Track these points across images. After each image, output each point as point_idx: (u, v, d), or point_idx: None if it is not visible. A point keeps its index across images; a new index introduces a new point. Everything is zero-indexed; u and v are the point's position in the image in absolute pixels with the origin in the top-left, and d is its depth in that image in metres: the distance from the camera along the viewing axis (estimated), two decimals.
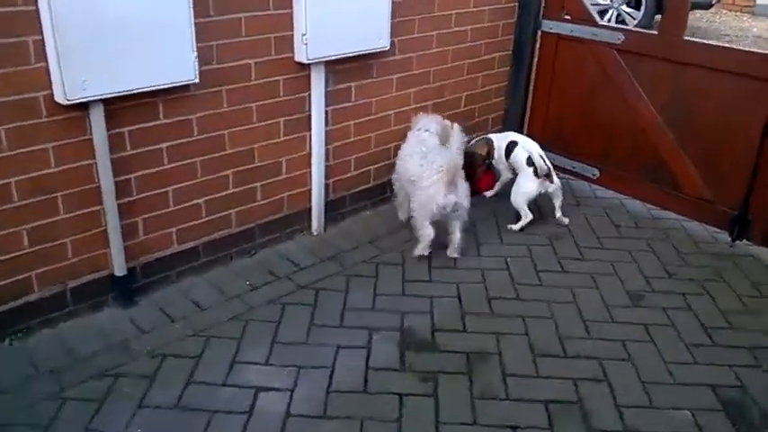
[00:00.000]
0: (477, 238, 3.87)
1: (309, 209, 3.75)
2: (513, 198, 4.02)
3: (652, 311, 3.24)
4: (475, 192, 4.19)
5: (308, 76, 3.41)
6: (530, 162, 3.96)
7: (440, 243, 3.62)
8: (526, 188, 3.97)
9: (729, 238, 3.89)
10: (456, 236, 3.56)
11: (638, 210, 4.27)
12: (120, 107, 2.76)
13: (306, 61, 3.27)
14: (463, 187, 3.44)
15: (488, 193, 4.32)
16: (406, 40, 3.83)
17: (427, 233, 3.49)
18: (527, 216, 3.98)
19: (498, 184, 4.30)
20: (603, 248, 3.82)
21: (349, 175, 3.90)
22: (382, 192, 4.10)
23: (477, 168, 4.19)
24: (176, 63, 2.79)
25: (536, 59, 4.59)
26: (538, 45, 4.53)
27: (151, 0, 2.64)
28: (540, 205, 4.20)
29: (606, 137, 4.35)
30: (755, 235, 3.81)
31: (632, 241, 3.89)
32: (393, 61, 3.81)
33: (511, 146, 4.12)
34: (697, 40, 3.82)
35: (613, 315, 3.21)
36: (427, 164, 3.46)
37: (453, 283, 3.42)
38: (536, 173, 3.96)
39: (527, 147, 4.09)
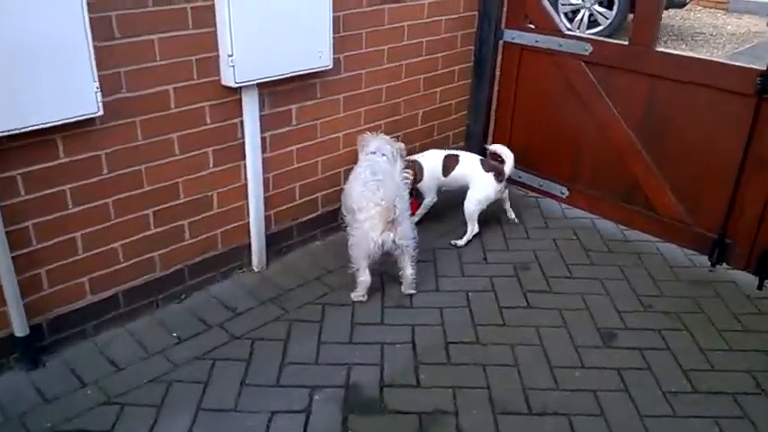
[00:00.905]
0: (436, 269, 3.53)
1: (249, 244, 3.39)
2: (467, 206, 3.75)
3: (626, 353, 2.93)
4: None
5: (239, 101, 3.05)
6: (487, 167, 3.70)
7: (394, 276, 3.28)
8: (485, 193, 3.74)
9: (709, 263, 3.59)
10: (407, 271, 3.22)
11: (610, 231, 3.96)
12: (7, 148, 2.38)
13: (234, 85, 2.91)
14: (406, 223, 3.10)
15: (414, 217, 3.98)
16: (352, 57, 3.48)
17: (363, 279, 3.15)
18: (475, 228, 3.77)
19: (422, 208, 3.96)
20: (573, 278, 3.50)
21: (293, 204, 3.55)
22: (332, 219, 3.75)
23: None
24: (73, 95, 2.42)
25: (498, 72, 4.27)
26: (500, 57, 4.21)
27: (36, 23, 2.26)
28: (504, 230, 3.90)
29: (575, 154, 4.04)
30: (735, 259, 3.52)
31: (604, 268, 3.58)
32: (339, 80, 3.47)
33: (450, 160, 3.82)
34: (670, 50, 3.52)
35: (584, 359, 2.89)
36: (368, 193, 3.11)
37: (408, 326, 3.08)
38: (497, 177, 3.68)
39: (468, 156, 3.84)
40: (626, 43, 3.62)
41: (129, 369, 2.75)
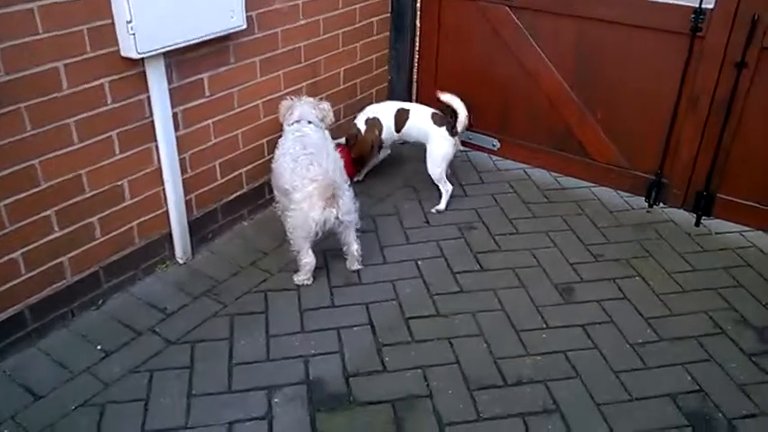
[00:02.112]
0: (379, 239, 3.31)
1: (170, 234, 3.01)
2: (431, 171, 3.55)
3: (587, 308, 2.86)
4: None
5: (144, 74, 2.63)
6: (438, 121, 3.50)
7: (337, 252, 3.03)
8: (442, 151, 3.52)
9: (646, 204, 3.59)
10: (353, 247, 2.98)
11: (545, 180, 3.88)
12: None
13: (136, 56, 2.49)
14: (347, 196, 2.84)
15: (357, 177, 3.78)
16: (266, 14, 3.11)
17: (306, 261, 2.88)
18: (448, 187, 3.58)
19: (370, 165, 3.78)
20: (519, 233, 3.39)
21: (216, 184, 3.19)
22: (260, 195, 3.43)
23: (368, 156, 3.62)
24: None
25: (419, 22, 4.01)
26: (419, 4, 3.95)
27: None
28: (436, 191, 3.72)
29: (505, 105, 3.90)
30: (672, 198, 3.54)
31: (547, 220, 3.50)
32: (254, 41, 3.09)
33: (401, 115, 3.60)
34: None
35: (547, 319, 2.79)
36: (300, 169, 2.82)
37: (361, 305, 2.85)
38: (451, 131, 3.49)
39: (420, 109, 3.63)
40: None
41: (52, 396, 2.36)
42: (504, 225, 3.45)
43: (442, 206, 3.59)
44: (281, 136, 3.14)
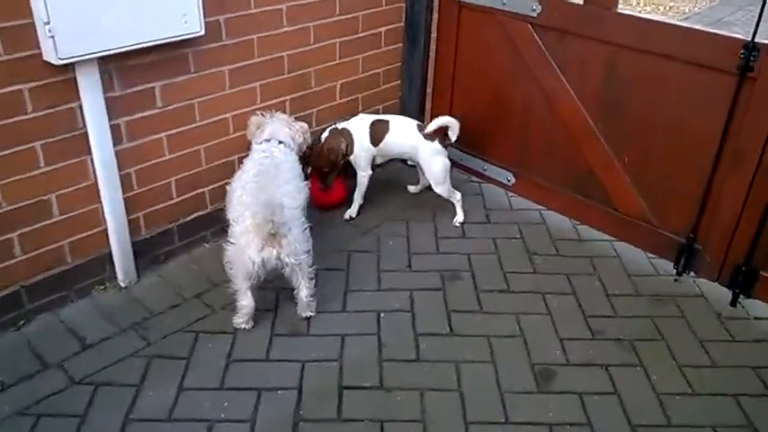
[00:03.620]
0: (347, 280, 2.91)
1: (110, 254, 2.74)
2: (437, 188, 3.27)
3: (563, 401, 2.35)
4: (324, 205, 3.26)
5: (74, 80, 2.35)
6: (427, 135, 3.16)
7: (292, 293, 2.67)
8: (441, 165, 3.21)
9: (674, 270, 3.00)
10: (301, 293, 2.60)
11: (562, 227, 3.35)
12: None
13: (57, 62, 2.21)
14: (295, 234, 2.45)
15: (348, 213, 3.35)
16: (237, 19, 2.77)
17: (243, 303, 2.53)
18: (458, 196, 3.32)
19: (358, 189, 3.33)
20: (510, 291, 2.89)
21: (170, 202, 2.89)
22: (225, 218, 3.10)
23: (333, 171, 3.22)
24: None
25: (435, 35, 3.56)
26: (436, 16, 3.50)
27: None
28: (438, 224, 3.27)
29: (523, 135, 3.39)
30: (705, 268, 2.93)
31: (549, 278, 2.98)
32: (220, 48, 2.76)
33: (379, 127, 3.20)
34: (635, 13, 2.84)
35: (509, 411, 2.30)
36: (245, 198, 2.46)
37: (297, 363, 2.47)
38: (443, 142, 3.15)
39: (401, 121, 3.25)
40: (581, 2, 2.91)
41: None
42: (495, 279, 2.96)
43: (461, 217, 3.33)
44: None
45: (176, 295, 2.78)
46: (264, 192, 2.41)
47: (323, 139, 3.18)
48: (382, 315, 2.72)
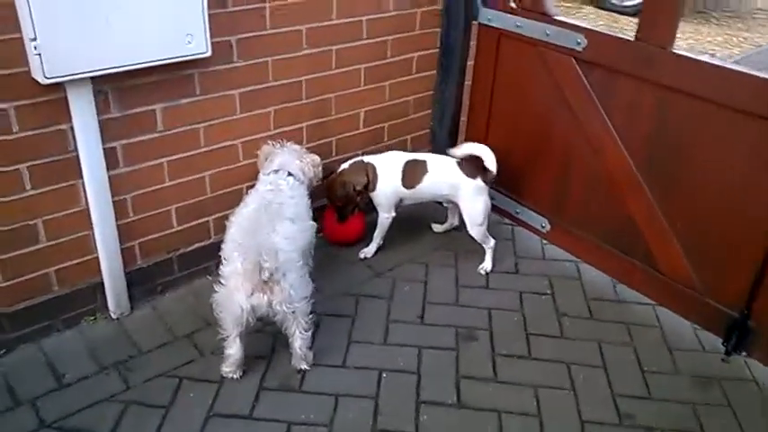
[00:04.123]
0: (352, 330, 2.67)
1: (101, 283, 2.57)
2: (473, 233, 3.00)
3: None
4: (339, 241, 3.02)
5: (65, 100, 2.18)
6: (468, 170, 2.88)
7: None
8: (482, 205, 2.95)
9: (723, 348, 2.63)
10: (296, 344, 2.37)
11: (599, 285, 3.01)
12: None
13: (44, 80, 2.04)
14: (291, 279, 2.22)
15: (364, 252, 3.11)
16: (251, 40, 2.57)
17: (230, 352, 2.32)
18: (491, 243, 3.04)
19: (378, 231, 3.08)
20: (531, 358, 2.58)
21: (169, 231, 2.70)
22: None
23: (349, 206, 2.97)
24: None
25: (472, 63, 3.29)
26: (473, 44, 3.23)
27: None
28: (459, 272, 2.99)
29: (561, 179, 3.08)
30: (759, 348, 2.55)
31: (578, 345, 2.65)
32: (231, 71, 2.57)
33: (415, 168, 2.95)
34: (694, 55, 2.49)
35: None
36: (240, 237, 2.24)
37: (283, 424, 2.23)
38: (485, 178, 2.89)
39: (439, 159, 2.98)
40: (631, 39, 2.59)
41: None
42: (516, 341, 2.66)
43: (488, 265, 3.05)
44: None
45: (166, 332, 2.59)
46: (258, 233, 2.18)
47: (340, 170, 2.94)
48: (384, 375, 2.45)
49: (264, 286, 2.19)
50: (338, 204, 2.95)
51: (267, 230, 2.22)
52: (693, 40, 7.45)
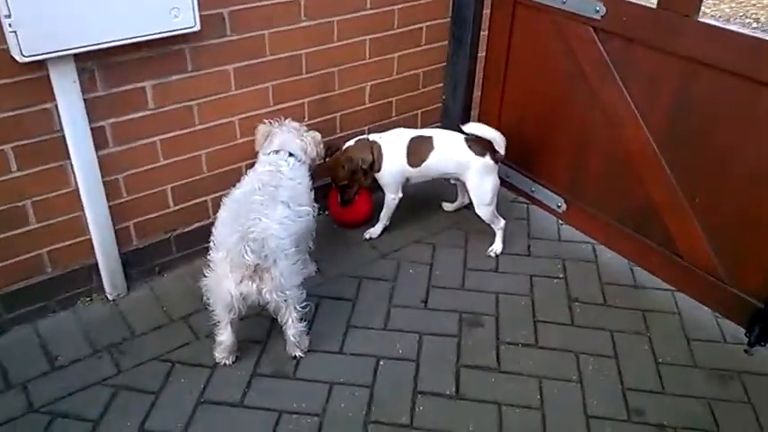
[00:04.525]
0: (353, 312, 2.58)
1: (96, 264, 2.52)
2: (481, 210, 2.84)
3: None
4: (345, 222, 2.93)
5: (48, 78, 2.11)
6: (476, 148, 2.73)
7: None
8: (491, 184, 2.79)
9: (745, 339, 2.47)
10: (289, 332, 2.29)
11: (616, 267, 2.86)
12: None
13: (21, 59, 1.97)
14: (282, 266, 2.13)
15: (369, 233, 3.00)
16: (244, 12, 2.45)
17: (221, 339, 2.26)
18: (502, 223, 2.90)
19: (384, 211, 2.97)
20: (537, 347, 2.46)
21: (166, 211, 2.64)
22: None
23: (354, 186, 2.85)
24: None
25: (485, 32, 3.11)
26: (487, 12, 3.05)
27: None
28: (468, 253, 2.86)
29: (578, 156, 2.91)
30: None
31: (589, 333, 2.52)
32: (224, 45, 2.45)
33: (420, 144, 2.81)
34: (720, 24, 2.27)
35: None
36: (230, 221, 2.14)
37: (272, 413, 2.17)
38: (494, 157, 2.73)
39: (446, 135, 2.83)
40: (654, 6, 2.38)
41: None
42: (522, 328, 2.53)
43: (498, 247, 2.92)
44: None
45: (162, 315, 2.54)
46: (245, 218, 2.08)
47: (344, 148, 2.82)
48: (381, 363, 2.36)
49: (254, 274, 2.10)
50: (343, 184, 2.83)
51: (255, 215, 2.12)
52: (736, 3, 7.03)
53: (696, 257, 2.55)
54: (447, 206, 3.20)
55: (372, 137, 2.85)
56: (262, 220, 2.12)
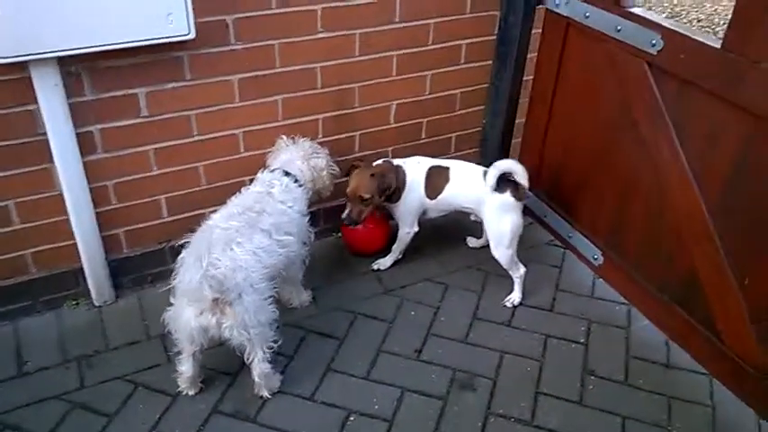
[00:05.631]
0: (337, 353, 2.37)
1: (82, 269, 2.45)
2: (498, 253, 2.53)
3: None
4: (358, 250, 2.78)
5: (30, 80, 2.02)
6: (499, 185, 2.43)
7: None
8: (510, 225, 2.48)
9: None
10: (256, 369, 2.11)
11: (649, 341, 2.48)
12: None
13: (3, 60, 1.88)
14: (249, 301, 1.94)
15: (378, 263, 2.76)
16: (252, 20, 2.27)
17: (181, 369, 2.13)
18: (521, 271, 2.59)
19: (397, 245, 2.73)
20: (532, 425, 2.15)
21: (159, 221, 2.53)
22: None
23: (368, 207, 2.53)
24: None
25: (533, 55, 2.77)
26: (536, 33, 2.71)
27: None
28: (482, 299, 2.58)
29: (619, 207, 2.54)
30: None
31: (597, 417, 2.18)
32: (227, 54, 2.28)
33: (437, 175, 2.57)
34: None
35: None
36: (197, 247, 1.96)
37: None
38: (515, 194, 2.43)
39: (464, 167, 2.58)
40: (718, 46, 1.98)
41: None
42: (521, 400, 2.23)
43: (517, 297, 2.61)
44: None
45: (140, 329, 2.44)
46: (207, 254, 1.89)
47: (373, 164, 2.58)
48: (352, 418, 2.14)
49: (214, 306, 1.94)
50: (362, 199, 2.54)
51: (224, 246, 1.94)
52: None
53: (738, 345, 2.14)
54: (472, 242, 2.92)
55: (396, 161, 2.61)
56: (233, 249, 1.94)
